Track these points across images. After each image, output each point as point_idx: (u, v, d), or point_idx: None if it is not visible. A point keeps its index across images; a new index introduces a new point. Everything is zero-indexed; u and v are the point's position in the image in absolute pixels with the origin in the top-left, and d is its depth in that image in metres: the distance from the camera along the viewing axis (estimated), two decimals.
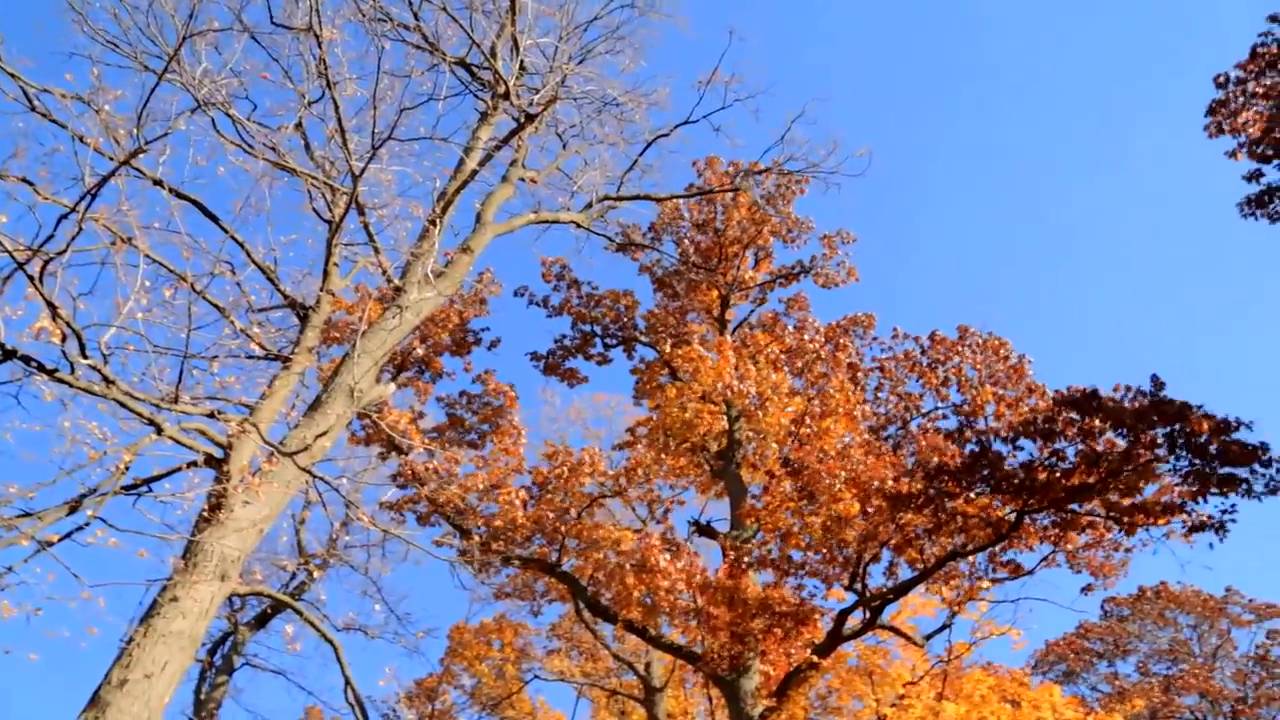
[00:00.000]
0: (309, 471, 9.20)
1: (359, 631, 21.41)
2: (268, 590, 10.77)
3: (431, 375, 21.15)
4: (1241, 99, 16.13)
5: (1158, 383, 11.51)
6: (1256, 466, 11.01)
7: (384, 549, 23.15)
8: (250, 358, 10.68)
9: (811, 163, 16.05)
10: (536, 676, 25.87)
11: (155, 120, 9.54)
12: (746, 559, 15.58)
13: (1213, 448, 10.86)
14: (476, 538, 18.07)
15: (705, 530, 18.41)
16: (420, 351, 20.66)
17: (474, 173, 13.47)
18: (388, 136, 11.49)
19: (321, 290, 11.91)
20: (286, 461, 9.19)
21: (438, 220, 13.25)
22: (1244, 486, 11.48)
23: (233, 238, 10.56)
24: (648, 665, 22.24)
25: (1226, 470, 11.45)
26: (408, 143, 12.71)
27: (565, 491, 18.49)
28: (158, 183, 9.65)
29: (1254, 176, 15.82)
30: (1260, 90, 15.91)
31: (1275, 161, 15.50)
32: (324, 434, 9.76)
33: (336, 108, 11.19)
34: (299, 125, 12.51)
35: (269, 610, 22.94)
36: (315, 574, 22.34)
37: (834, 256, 20.24)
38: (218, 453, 9.04)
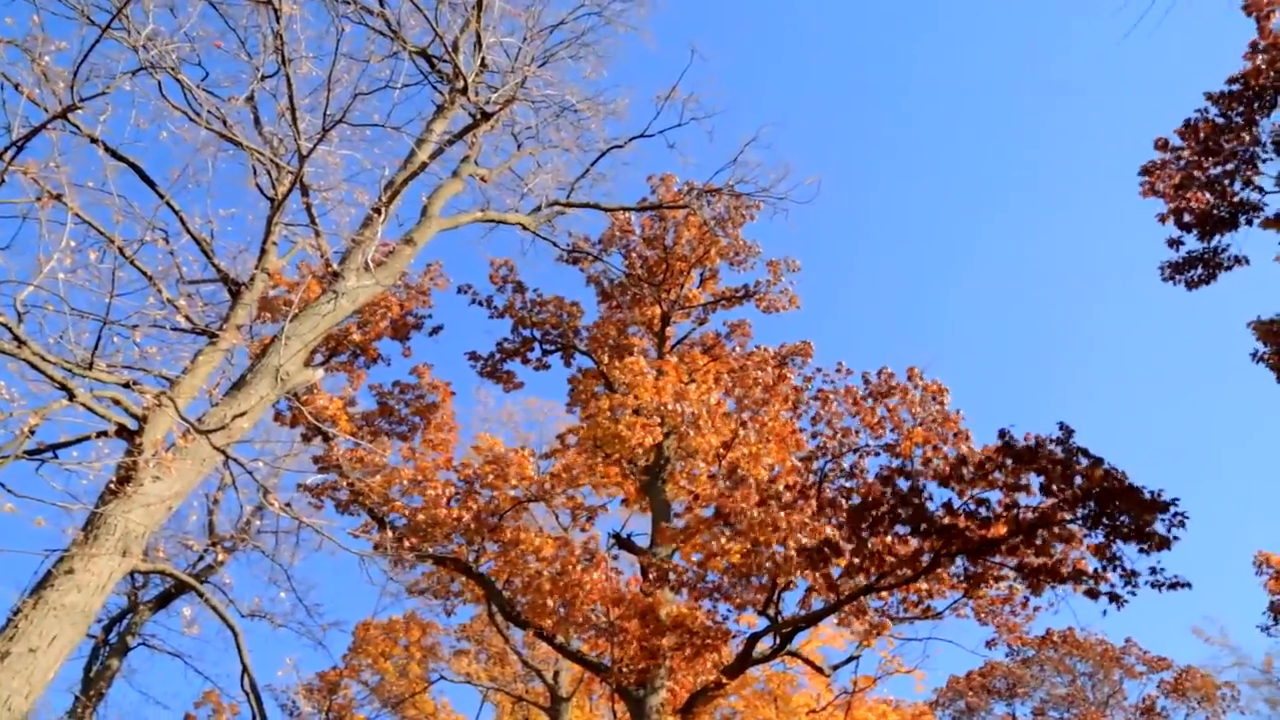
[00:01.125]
0: (223, 452, 8.98)
1: (263, 619, 20.89)
2: (171, 569, 10.44)
3: (366, 361, 20.82)
4: (1175, 167, 16.81)
5: (1065, 430, 11.88)
6: (1159, 517, 11.42)
7: (298, 536, 22.66)
8: (175, 330, 10.39)
9: (762, 187, 16.25)
10: (442, 677, 25.59)
11: (99, 77, 9.26)
12: (663, 576, 15.63)
13: (1125, 518, 11.22)
14: (395, 531, 17.81)
15: (625, 544, 18.42)
16: (356, 337, 20.34)
17: (424, 165, 13.33)
18: (339, 119, 11.32)
19: (257, 268, 11.66)
20: (202, 439, 8.95)
21: (383, 209, 13.08)
22: (1156, 571, 11.86)
23: (169, 205, 10.28)
24: (556, 674, 22.14)
25: (1135, 541, 11.81)
26: (359, 128, 12.52)
27: (491, 492, 18.35)
28: (94, 140, 9.35)
29: (1175, 243, 16.51)
30: (1192, 160, 16.58)
31: (1195, 231, 16.18)
32: (244, 414, 9.54)
33: (290, 85, 10.99)
34: (250, 99, 12.25)
35: (171, 590, 22.28)
36: (223, 557, 21.78)
37: (778, 283, 20.49)
38: (131, 424, 8.76)
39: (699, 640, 14.84)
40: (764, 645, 15.30)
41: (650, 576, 16.28)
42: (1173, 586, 11.41)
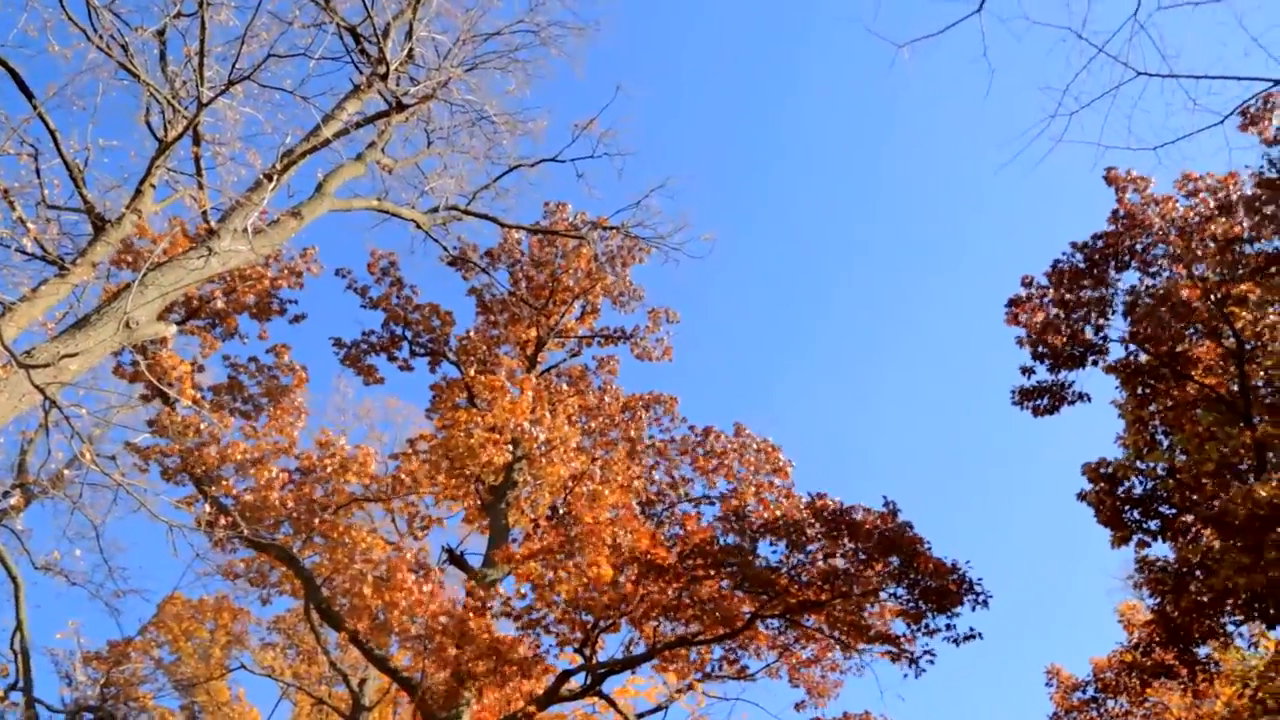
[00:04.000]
0: (43, 391, 8.44)
1: (58, 575, 19.45)
2: None
3: (224, 332, 19.96)
4: (1037, 301, 18.08)
5: (890, 506, 12.53)
6: (963, 608, 12.17)
7: (115, 495, 21.32)
8: (21, 252, 9.78)
9: (659, 234, 16.54)
10: (243, 667, 24.39)
11: None
12: (489, 600, 15.45)
13: (933, 585, 11.87)
14: (219, 508, 17.02)
15: (458, 561, 18.14)
16: (220, 304, 19.50)
17: (327, 141, 13.03)
18: (248, 75, 10.99)
19: (129, 206, 11.10)
20: (22, 374, 8.40)
21: (276, 176, 12.69)
22: (951, 628, 12.65)
23: (43, 120, 9.71)
24: (362, 682, 21.45)
25: (941, 608, 12.60)
26: (268, 89, 12.12)
27: (329, 484, 17.81)
28: None
29: (1028, 371, 17.71)
30: (1054, 299, 17.89)
31: (1047, 363, 17.40)
32: (77, 355, 9.01)
33: (203, 29, 10.61)
34: (161, 33, 11.75)
35: None
36: (19, 501, 20.22)
37: (655, 331, 20.81)
38: None
39: (514, 670, 14.70)
40: (575, 684, 15.28)
41: (477, 598, 16.06)
42: (968, 639, 12.25)
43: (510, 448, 17.64)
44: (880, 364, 65.90)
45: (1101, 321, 17.55)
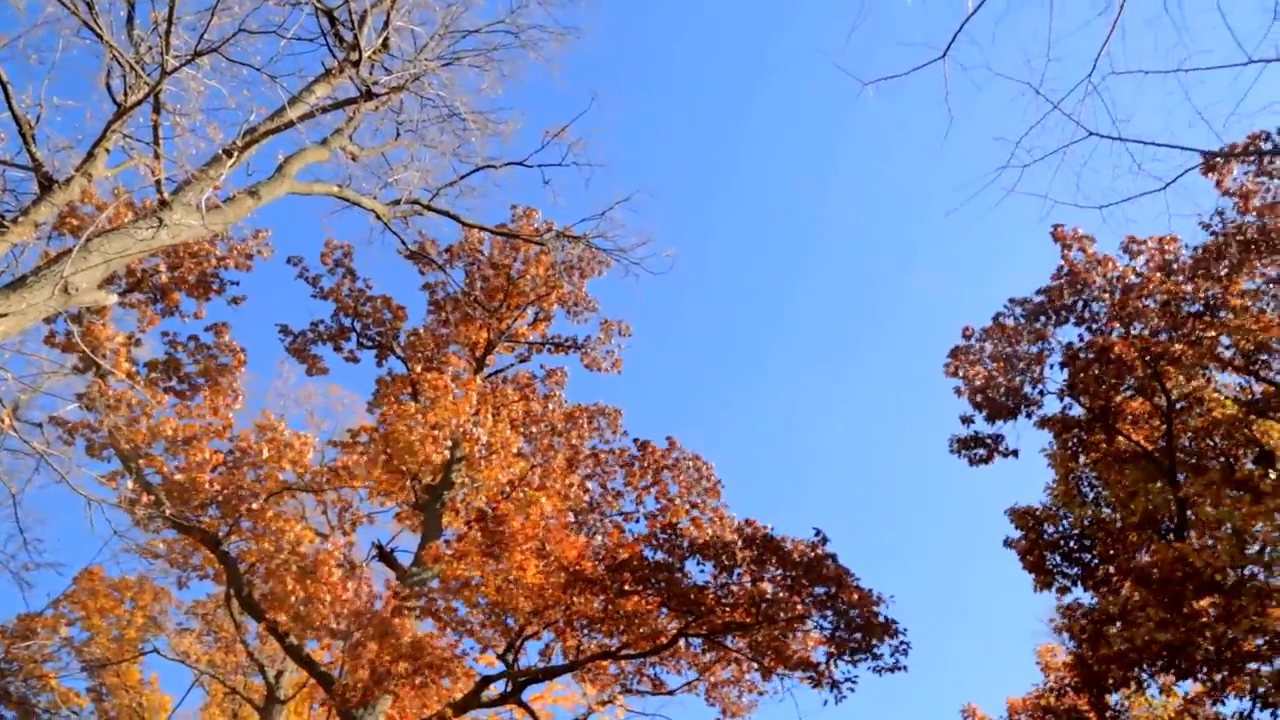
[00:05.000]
0: None
1: None
2: None
3: (165, 308, 19.52)
4: (976, 354, 18.49)
5: (820, 536, 12.67)
6: (887, 640, 12.31)
7: (37, 465, 20.65)
8: None
9: (620, 247, 16.56)
10: (156, 651, 23.72)
11: None
12: (414, 600, 15.26)
13: (857, 616, 12.00)
14: (145, 486, 16.62)
15: (387, 558, 17.90)
16: (164, 279, 19.08)
17: (292, 123, 12.85)
18: (216, 48, 10.82)
19: (79, 169, 10.85)
20: None
21: (236, 153, 12.48)
22: (877, 657, 12.80)
23: None
24: (279, 674, 21.01)
25: (864, 642, 12.75)
26: (235, 64, 11.93)
27: (262, 470, 17.48)
28: None
29: (967, 420, 18.08)
30: (993, 353, 18.32)
31: (985, 413, 17.77)
32: (7, 316, 8.76)
33: None
34: None
35: None
36: None
37: (607, 343, 20.84)
38: None
39: (433, 672, 14.52)
40: (495, 690, 15.13)
41: (402, 597, 15.86)
42: (891, 670, 12.40)
43: (450, 447, 17.48)
44: (824, 393, 66.69)
45: (1038, 376, 18.01)
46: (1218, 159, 14.83)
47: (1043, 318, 17.66)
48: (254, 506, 17.36)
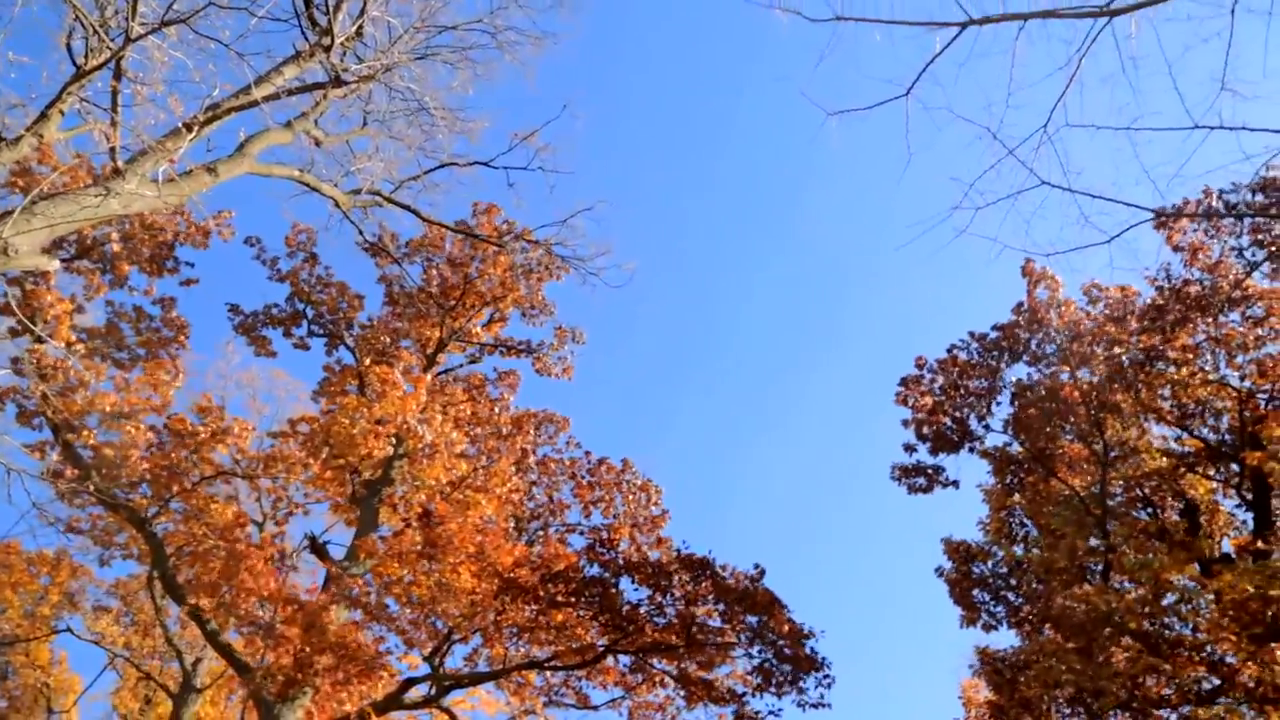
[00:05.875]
0: None
1: None
2: None
3: (114, 279, 19.05)
4: (927, 385, 18.76)
5: (759, 570, 12.73)
6: (813, 674, 12.39)
7: None
8: None
9: (580, 256, 16.52)
10: (70, 630, 23.03)
11: None
12: (344, 593, 15.03)
13: (786, 649, 12.06)
14: (74, 459, 16.18)
15: (319, 549, 17.60)
16: (115, 248, 18.63)
17: (256, 102, 12.65)
18: (185, 19, 10.64)
19: (30, 129, 10.59)
20: None
21: (197, 127, 12.27)
22: (801, 691, 12.87)
23: None
24: (197, 662, 20.53)
25: (793, 676, 12.82)
26: (203, 39, 11.73)
27: (197, 452, 17.12)
28: None
29: (910, 449, 18.33)
30: (944, 384, 18.59)
31: (929, 444, 18.04)
32: None
33: None
34: None
35: None
36: None
37: (559, 349, 20.77)
38: None
39: (356, 668, 14.29)
40: (418, 692, 14.93)
41: (331, 590, 15.60)
42: (816, 706, 12.49)
43: (393, 443, 17.28)
44: (772, 415, 67.19)
45: (985, 412, 18.33)
46: (1168, 217, 15.24)
47: (997, 353, 17.97)
48: (187, 488, 16.99)
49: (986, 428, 18.34)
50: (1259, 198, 14.90)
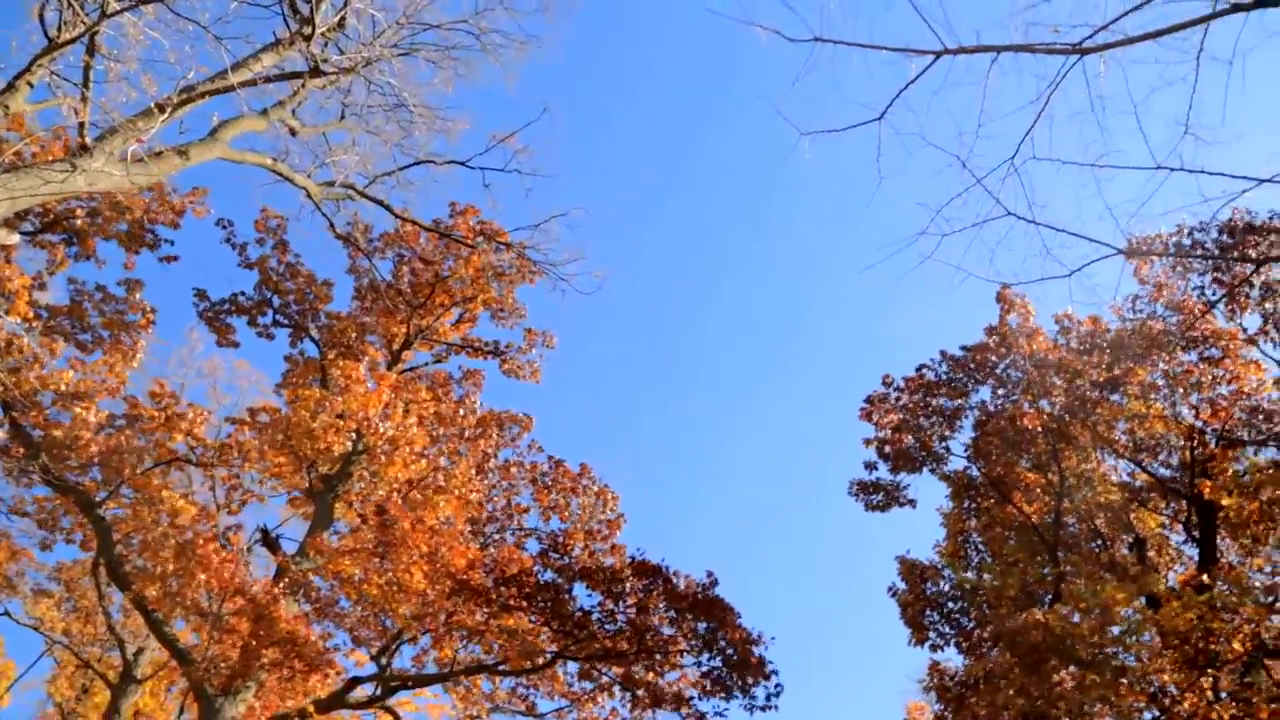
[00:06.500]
0: None
1: None
2: None
3: (80, 253, 18.71)
4: (893, 403, 18.90)
5: (712, 578, 12.77)
6: (762, 681, 12.45)
7: None
8: None
9: (552, 261, 16.49)
10: (7, 614, 22.52)
11: None
12: (295, 585, 14.84)
13: (735, 655, 12.09)
14: (23, 438, 15.87)
15: (271, 543, 17.38)
16: (80, 223, 18.31)
17: (232, 87, 12.53)
18: None
19: None
20: None
21: (170, 108, 12.12)
22: (745, 698, 12.92)
23: None
24: (139, 652, 20.15)
25: (742, 684, 12.87)
26: (181, 19, 11.62)
27: (152, 437, 16.86)
28: None
29: (870, 466, 18.46)
30: (909, 405, 18.74)
31: (890, 462, 18.18)
32: None
33: None
34: None
35: None
36: None
37: (529, 352, 20.72)
38: None
39: (302, 664, 14.09)
40: (363, 692, 14.76)
41: (282, 584, 15.39)
42: (764, 709, 12.55)
43: (353, 439, 17.12)
44: (732, 433, 67.48)
45: (948, 432, 18.49)
46: (1137, 254, 15.50)
47: (964, 375, 18.13)
48: (139, 473, 16.71)
49: (948, 450, 18.49)
50: (1224, 238, 15.21)
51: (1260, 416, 16.16)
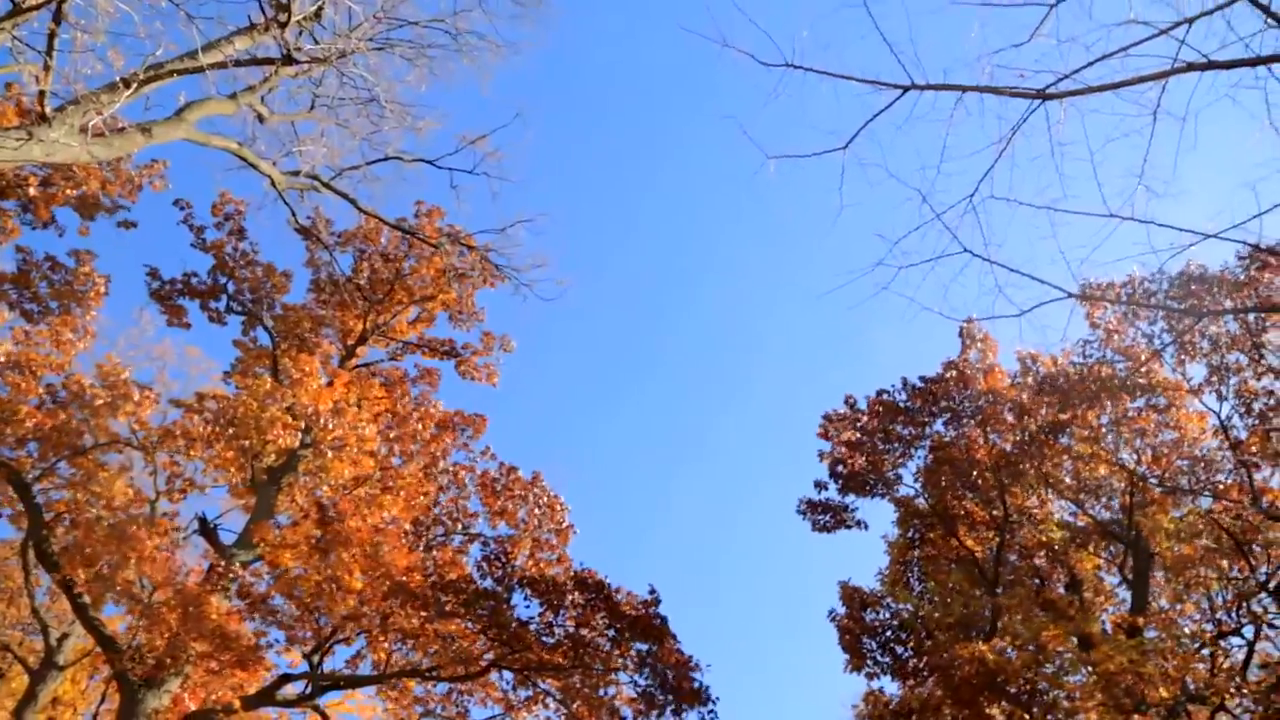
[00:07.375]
0: None
1: None
2: None
3: (34, 221, 18.22)
4: (850, 423, 19.05)
5: (654, 595, 12.73)
6: (697, 707, 12.41)
7: None
8: None
9: (515, 266, 16.44)
10: None
11: None
12: (230, 578, 14.53)
13: (672, 679, 12.04)
14: None
15: (209, 532, 16.99)
16: (33, 191, 17.86)
17: (201, 68, 12.33)
18: None
19: None
20: None
21: (136, 84, 11.90)
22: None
23: None
24: (63, 637, 19.56)
25: (677, 705, 12.82)
26: None
27: (93, 417, 16.45)
28: None
29: (821, 486, 18.59)
30: (868, 427, 18.91)
31: (840, 483, 18.31)
32: None
33: None
34: None
35: None
36: None
37: (486, 354, 20.56)
38: None
39: (230, 658, 13.79)
40: (292, 690, 14.47)
41: (216, 575, 15.06)
42: None
43: (302, 432, 16.85)
44: (684, 450, 67.58)
45: (901, 459, 18.68)
46: (1090, 298, 15.79)
47: (921, 404, 18.35)
48: (78, 452, 16.29)
49: (898, 476, 18.68)
50: (1176, 288, 15.56)
51: (1201, 465, 16.54)
